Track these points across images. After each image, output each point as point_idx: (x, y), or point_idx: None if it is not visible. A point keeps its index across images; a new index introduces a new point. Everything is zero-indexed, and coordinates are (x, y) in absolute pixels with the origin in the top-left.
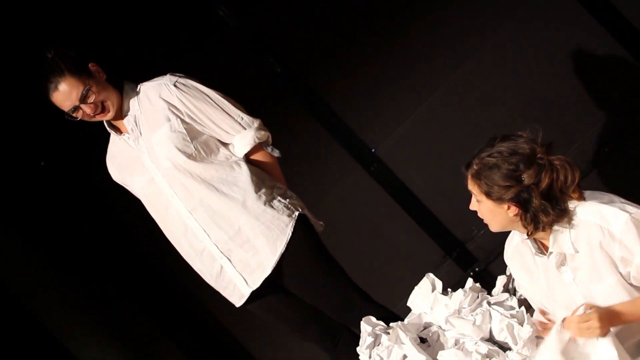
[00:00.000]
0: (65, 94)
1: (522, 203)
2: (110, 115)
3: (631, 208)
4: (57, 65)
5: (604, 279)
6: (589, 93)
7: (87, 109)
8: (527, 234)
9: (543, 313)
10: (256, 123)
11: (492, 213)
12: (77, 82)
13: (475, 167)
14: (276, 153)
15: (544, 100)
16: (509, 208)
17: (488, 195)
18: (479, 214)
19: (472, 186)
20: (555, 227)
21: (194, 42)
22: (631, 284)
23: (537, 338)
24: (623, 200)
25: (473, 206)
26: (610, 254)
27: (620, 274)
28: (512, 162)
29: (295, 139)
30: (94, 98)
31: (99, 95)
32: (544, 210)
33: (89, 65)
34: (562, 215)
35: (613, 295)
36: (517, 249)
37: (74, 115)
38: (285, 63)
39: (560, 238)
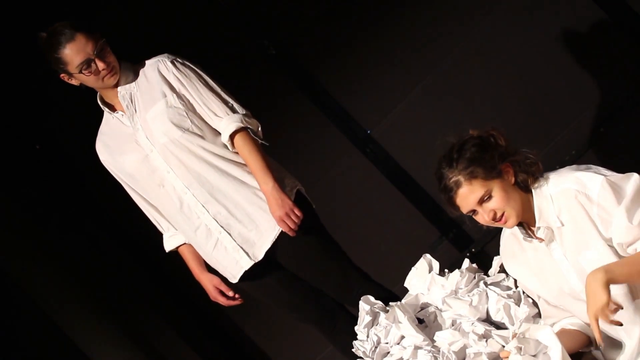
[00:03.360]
0: (80, 44)
1: (508, 157)
2: (115, 79)
3: (606, 172)
4: (68, 24)
5: (591, 244)
6: (583, 72)
7: (101, 64)
8: (530, 188)
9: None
10: (245, 111)
11: (505, 191)
12: (92, 36)
13: (461, 175)
14: (262, 142)
15: (539, 80)
16: (506, 172)
17: (489, 174)
18: (496, 213)
19: (472, 191)
20: (537, 202)
21: (188, 24)
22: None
23: None
24: (599, 167)
25: (485, 215)
26: (591, 215)
27: (604, 239)
28: (475, 142)
29: (291, 122)
30: (109, 55)
31: (111, 55)
32: (523, 155)
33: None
34: (536, 159)
35: (603, 263)
36: (507, 242)
37: (84, 72)
38: (279, 45)
39: (545, 212)
